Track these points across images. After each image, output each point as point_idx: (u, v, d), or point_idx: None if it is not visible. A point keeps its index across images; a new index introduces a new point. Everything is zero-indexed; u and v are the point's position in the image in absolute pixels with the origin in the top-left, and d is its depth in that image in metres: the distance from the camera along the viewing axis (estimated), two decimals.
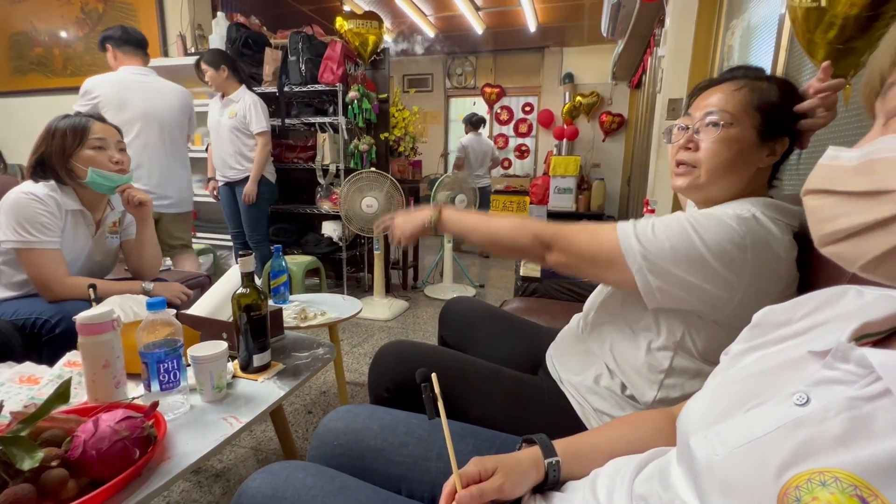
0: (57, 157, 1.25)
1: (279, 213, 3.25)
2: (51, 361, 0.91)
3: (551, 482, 0.52)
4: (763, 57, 1.69)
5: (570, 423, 0.77)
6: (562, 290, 1.73)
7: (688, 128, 0.74)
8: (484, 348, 1.02)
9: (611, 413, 0.75)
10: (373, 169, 2.66)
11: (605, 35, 4.44)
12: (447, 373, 0.82)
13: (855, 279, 0.41)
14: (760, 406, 0.36)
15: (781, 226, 0.66)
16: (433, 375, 0.55)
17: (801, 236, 0.68)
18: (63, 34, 3.67)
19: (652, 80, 3.47)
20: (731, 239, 0.62)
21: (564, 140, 5.63)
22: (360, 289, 3.29)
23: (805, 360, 0.37)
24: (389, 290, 3.17)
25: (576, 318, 0.96)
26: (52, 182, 1.27)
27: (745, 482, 0.33)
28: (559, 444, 0.55)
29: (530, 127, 6.24)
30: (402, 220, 0.93)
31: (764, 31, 1.74)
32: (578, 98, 5.65)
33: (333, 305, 1.63)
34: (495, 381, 0.83)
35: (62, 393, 0.63)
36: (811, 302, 0.42)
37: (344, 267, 3.03)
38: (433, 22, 5.07)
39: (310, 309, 1.53)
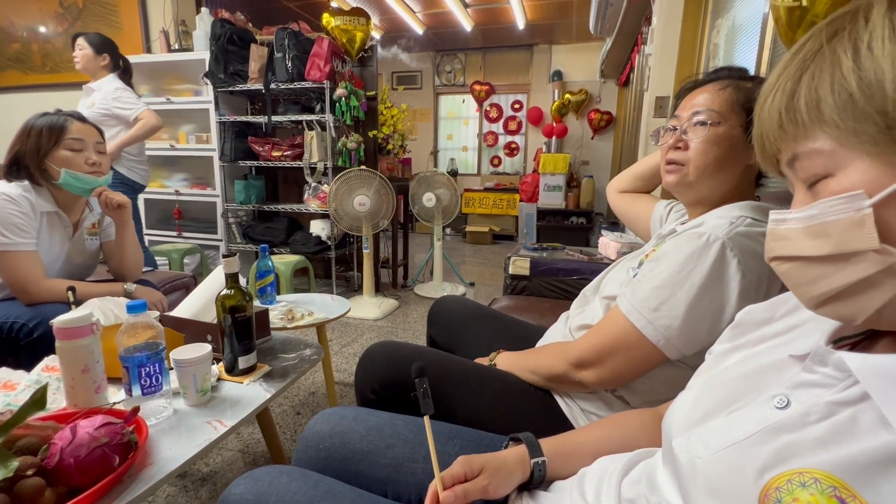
0: (31, 156, 1.22)
1: (266, 212, 3.22)
2: (29, 366, 0.89)
3: (536, 481, 0.52)
4: (748, 55, 1.71)
5: (558, 424, 0.77)
6: (551, 287, 1.74)
7: (675, 129, 0.76)
8: (472, 347, 1.02)
9: (598, 413, 0.76)
10: (363, 167, 2.64)
11: (593, 33, 4.46)
12: (434, 374, 0.82)
13: None
14: (742, 409, 0.36)
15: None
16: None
17: None
18: (42, 29, 3.57)
19: (640, 77, 3.50)
20: (722, 266, 0.63)
21: (554, 138, 5.65)
22: (350, 288, 3.27)
23: (786, 363, 0.37)
24: (379, 288, 3.16)
25: (563, 316, 0.96)
26: (26, 182, 1.23)
27: (726, 484, 0.33)
28: (545, 442, 0.55)
29: (520, 124, 6.25)
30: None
31: (748, 30, 1.76)
32: (567, 96, 5.67)
33: (322, 305, 1.62)
34: (483, 381, 0.82)
35: (38, 399, 0.62)
36: (791, 301, 0.42)
37: (333, 266, 3.01)
38: (421, 19, 5.04)
39: (297, 309, 1.51)
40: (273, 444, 1.21)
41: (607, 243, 1.84)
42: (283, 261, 2.64)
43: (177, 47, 3.15)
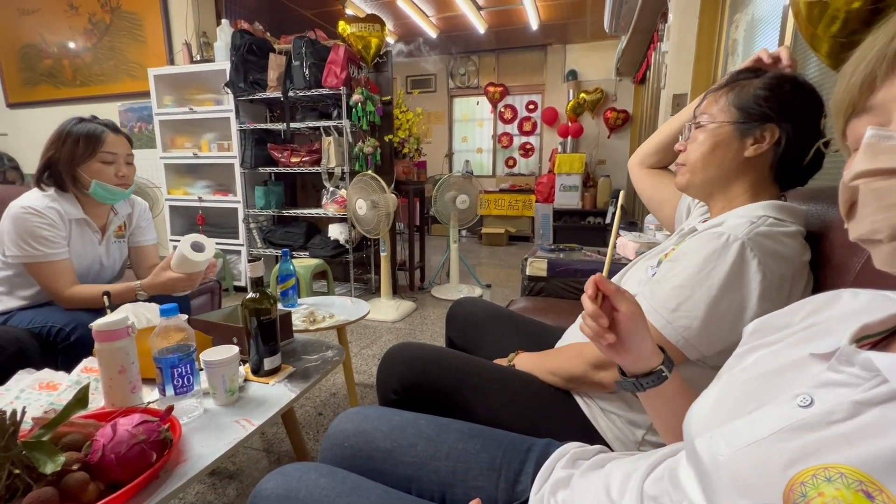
0: (64, 163, 1.25)
1: (286, 217, 3.29)
2: (67, 368, 0.93)
3: (657, 374, 0.53)
4: None
5: (578, 423, 0.78)
6: (568, 288, 1.73)
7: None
8: (491, 349, 1.03)
9: (618, 413, 0.76)
10: (368, 172, 2.68)
11: (607, 31, 4.42)
12: (453, 374, 0.83)
13: (856, 282, 0.41)
14: (763, 408, 0.37)
15: (790, 228, 0.67)
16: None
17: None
18: (72, 45, 3.73)
19: (656, 75, 3.45)
20: (744, 266, 0.63)
21: (569, 137, 5.62)
22: (368, 290, 3.31)
23: (806, 362, 0.37)
24: (396, 291, 3.19)
25: (582, 316, 0.96)
26: (52, 191, 1.27)
27: (752, 479, 0.33)
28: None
29: (534, 125, 6.23)
30: None
31: (768, 25, 1.73)
32: (582, 95, 5.63)
33: (341, 308, 1.65)
34: (502, 381, 0.83)
35: (81, 398, 0.65)
36: (808, 305, 0.42)
37: (351, 269, 3.05)
38: (435, 23, 5.08)
39: (318, 312, 1.54)
40: (297, 443, 1.24)
41: (625, 243, 1.83)
42: (303, 264, 2.69)
43: (199, 58, 3.24)
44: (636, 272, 0.87)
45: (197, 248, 1.23)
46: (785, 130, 0.70)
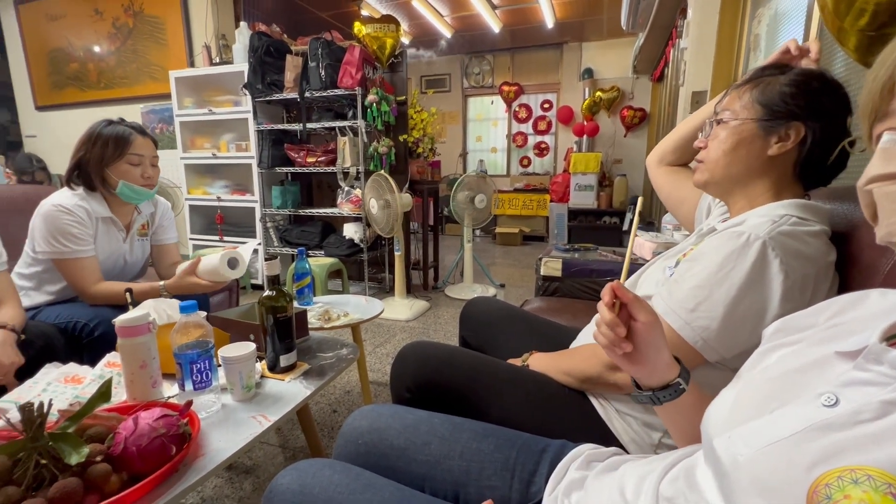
0: (94, 164, 1.30)
1: (301, 216, 3.33)
2: (91, 363, 0.96)
3: (674, 387, 0.52)
4: None
5: (593, 424, 0.77)
6: (584, 288, 1.71)
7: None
8: (505, 349, 1.03)
9: (633, 414, 0.75)
10: (381, 172, 2.70)
11: (624, 28, 4.36)
12: (467, 373, 0.83)
13: (885, 283, 0.40)
14: (784, 407, 0.36)
15: (814, 227, 0.65)
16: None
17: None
18: (96, 49, 3.84)
19: (675, 72, 3.39)
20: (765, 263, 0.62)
21: (584, 136, 5.56)
22: (382, 289, 3.33)
23: (831, 361, 0.36)
24: (410, 290, 3.20)
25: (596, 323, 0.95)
26: (81, 190, 1.32)
27: (773, 480, 0.32)
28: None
29: (549, 124, 6.18)
30: None
31: (792, 20, 1.69)
32: (598, 93, 5.56)
33: (356, 306, 1.66)
34: (516, 381, 0.83)
35: (104, 392, 0.67)
36: (834, 306, 0.41)
37: (365, 268, 3.07)
38: (450, 22, 5.08)
39: (333, 310, 1.56)
40: (312, 440, 1.26)
41: (642, 244, 1.80)
42: (318, 263, 2.72)
43: (217, 60, 3.30)
44: (653, 273, 0.86)
45: (232, 265, 1.25)
46: (811, 129, 0.68)
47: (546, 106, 6.17)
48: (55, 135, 4.18)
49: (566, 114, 5.89)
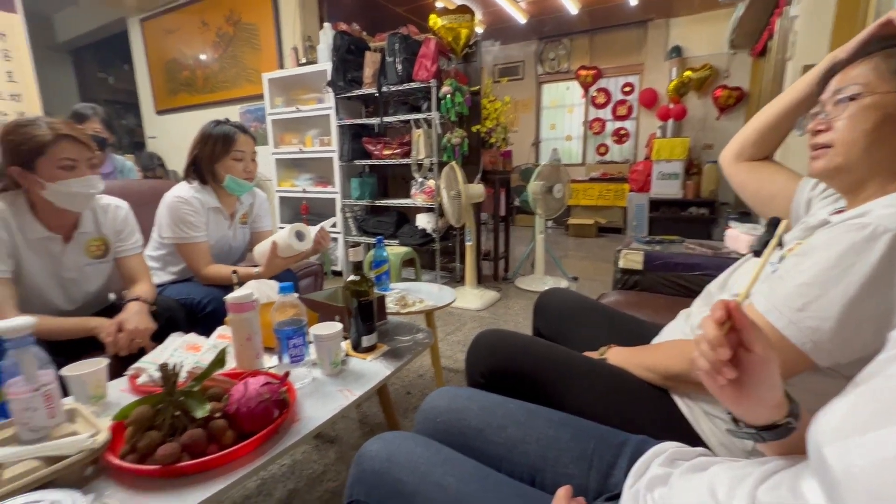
0: (206, 161, 1.49)
1: (378, 206, 3.48)
2: (205, 334, 1.10)
3: (783, 430, 0.45)
4: None
5: (676, 424, 0.73)
6: (667, 283, 1.62)
7: (818, 113, 0.68)
8: (581, 341, 1.01)
9: (723, 417, 0.70)
10: (452, 163, 2.73)
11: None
12: (542, 363, 0.83)
13: None
14: None
15: None
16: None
17: None
18: (203, 57, 4.29)
19: (782, 45, 3.01)
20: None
21: (670, 121, 5.14)
22: (453, 279, 3.39)
23: None
24: (481, 280, 3.22)
25: (683, 313, 0.90)
26: (196, 183, 1.51)
27: (892, 495, 0.30)
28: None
29: (630, 109, 5.82)
30: None
31: None
32: (687, 73, 5.11)
33: (429, 294, 1.72)
34: (593, 374, 0.81)
35: (220, 359, 0.77)
36: None
37: (437, 257, 3.14)
38: (524, 7, 4.95)
39: (409, 296, 1.62)
40: (390, 416, 1.33)
41: (737, 236, 1.65)
42: (393, 252, 2.84)
43: (304, 61, 3.54)
44: (750, 268, 0.79)
45: (300, 237, 1.44)
46: None
47: (627, 89, 5.81)
48: (170, 135, 4.77)
49: (649, 97, 5.50)
